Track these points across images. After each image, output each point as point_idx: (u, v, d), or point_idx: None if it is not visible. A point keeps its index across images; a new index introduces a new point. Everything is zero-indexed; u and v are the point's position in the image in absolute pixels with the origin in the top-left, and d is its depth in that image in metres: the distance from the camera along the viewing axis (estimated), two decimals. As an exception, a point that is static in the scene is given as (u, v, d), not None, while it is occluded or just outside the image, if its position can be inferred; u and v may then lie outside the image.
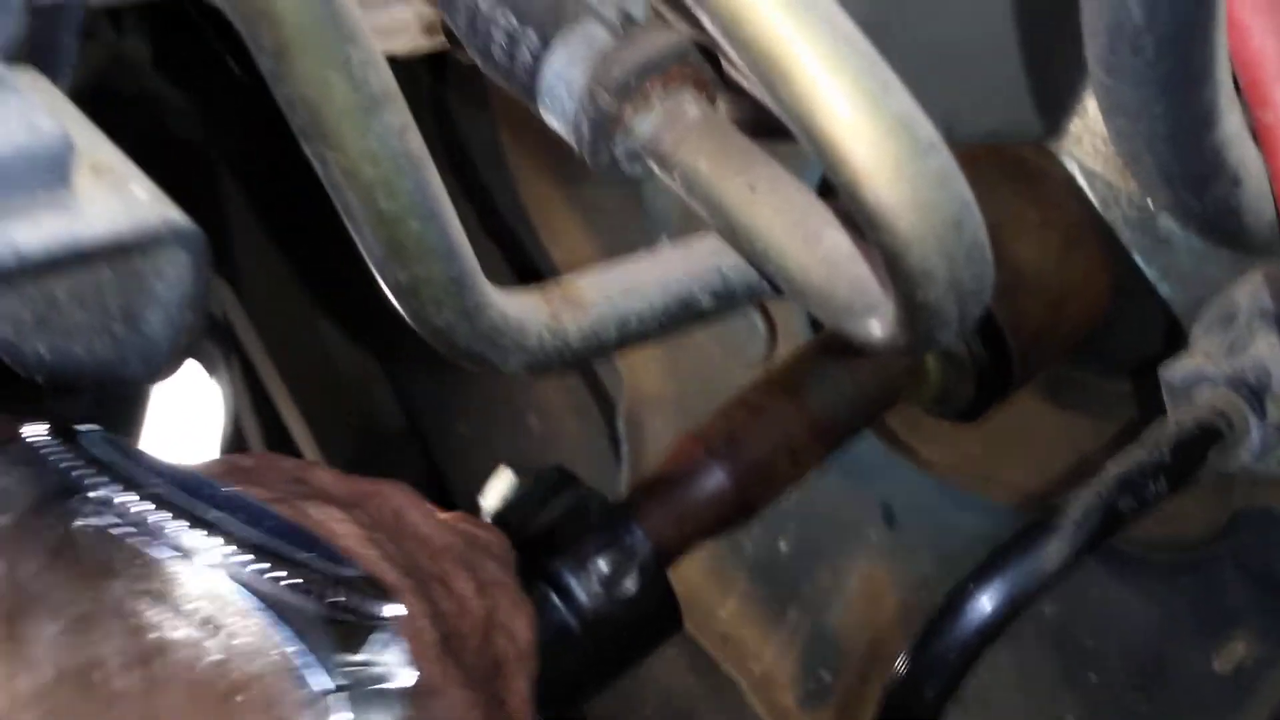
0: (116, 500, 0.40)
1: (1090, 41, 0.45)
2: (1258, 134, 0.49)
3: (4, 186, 0.37)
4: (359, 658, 0.45)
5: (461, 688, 0.51)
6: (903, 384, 1.11)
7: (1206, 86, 0.44)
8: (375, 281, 0.51)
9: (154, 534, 0.39)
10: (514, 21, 0.59)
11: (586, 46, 0.58)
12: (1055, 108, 1.00)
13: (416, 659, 0.47)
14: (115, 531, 0.39)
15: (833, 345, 1.12)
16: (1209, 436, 0.67)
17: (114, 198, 0.39)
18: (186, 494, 0.42)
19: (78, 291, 0.40)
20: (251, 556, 0.41)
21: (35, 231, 0.37)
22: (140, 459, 0.42)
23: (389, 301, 0.52)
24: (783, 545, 1.29)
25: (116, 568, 0.38)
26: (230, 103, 1.39)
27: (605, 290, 0.56)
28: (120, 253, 0.38)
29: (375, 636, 0.46)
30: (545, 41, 0.58)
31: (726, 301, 0.58)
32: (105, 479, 0.40)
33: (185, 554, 0.40)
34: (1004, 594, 0.65)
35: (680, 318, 0.57)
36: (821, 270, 0.53)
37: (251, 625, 0.41)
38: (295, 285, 1.52)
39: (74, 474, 0.40)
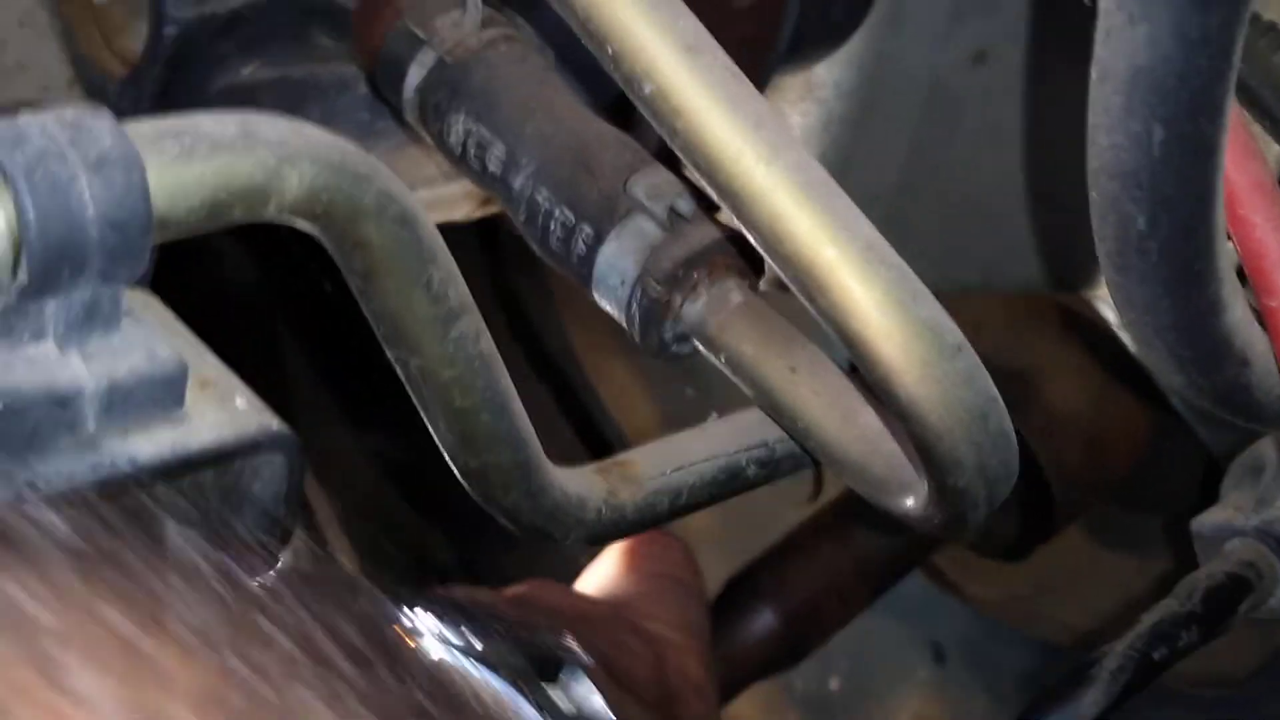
0: None
1: (1100, 244, 0.49)
2: (1264, 318, 0.53)
3: (128, 408, 0.42)
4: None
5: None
6: (947, 525, 1.14)
7: (1209, 282, 0.48)
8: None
9: None
10: (570, 216, 0.64)
11: (637, 239, 0.62)
12: (1092, 258, 1.04)
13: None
14: None
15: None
16: (1239, 587, 0.70)
17: (220, 411, 0.44)
18: None
19: (179, 489, 0.44)
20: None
21: (151, 445, 0.42)
22: None
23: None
24: (833, 683, 1.31)
25: None
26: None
27: (658, 465, 0.60)
28: (224, 460, 0.43)
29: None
30: (600, 235, 0.63)
31: (772, 471, 0.62)
32: None
33: None
34: (1043, 745, 0.67)
35: (729, 488, 0.61)
36: (858, 447, 0.57)
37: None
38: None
39: None
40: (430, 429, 0.53)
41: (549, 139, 0.66)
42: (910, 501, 0.55)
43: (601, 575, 0.76)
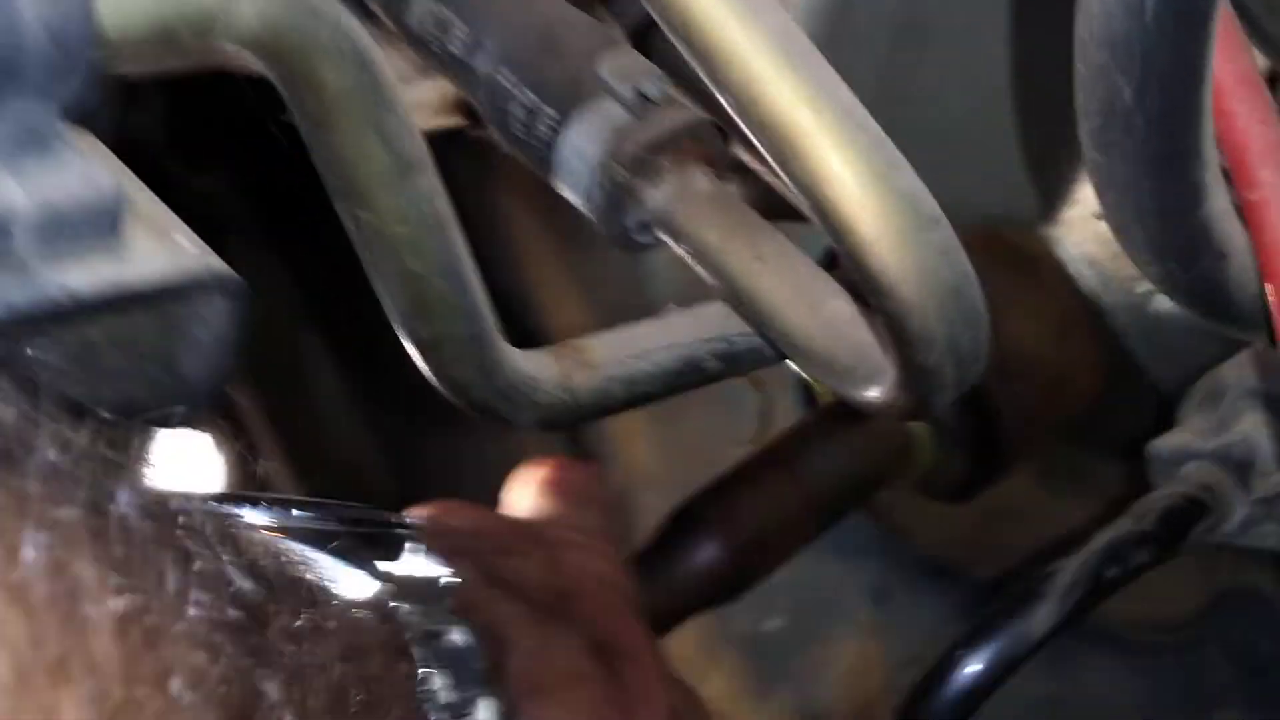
0: None
1: (1083, 121, 0.48)
2: (1244, 212, 0.52)
3: (62, 236, 0.39)
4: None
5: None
6: (897, 462, 1.13)
7: (1194, 164, 0.47)
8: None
9: None
10: (533, 98, 0.62)
11: (602, 122, 0.60)
12: (1051, 195, 1.04)
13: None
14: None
15: (827, 422, 1.14)
16: (1195, 509, 0.69)
17: (161, 247, 0.41)
18: None
19: (116, 337, 0.42)
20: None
21: (88, 276, 0.40)
22: None
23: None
24: (772, 623, 1.30)
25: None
26: (247, 184, 1.42)
27: (615, 352, 0.58)
28: (165, 297, 0.41)
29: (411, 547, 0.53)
30: (563, 118, 0.61)
31: (731, 365, 0.61)
32: None
33: None
34: (991, 659, 0.66)
35: (686, 379, 0.60)
36: (824, 336, 0.56)
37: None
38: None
39: None
40: (380, 295, 0.51)
41: (513, 19, 0.63)
42: (875, 389, 0.53)
43: (509, 498, 0.78)
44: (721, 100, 0.48)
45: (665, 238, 0.61)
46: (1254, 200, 0.51)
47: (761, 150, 0.47)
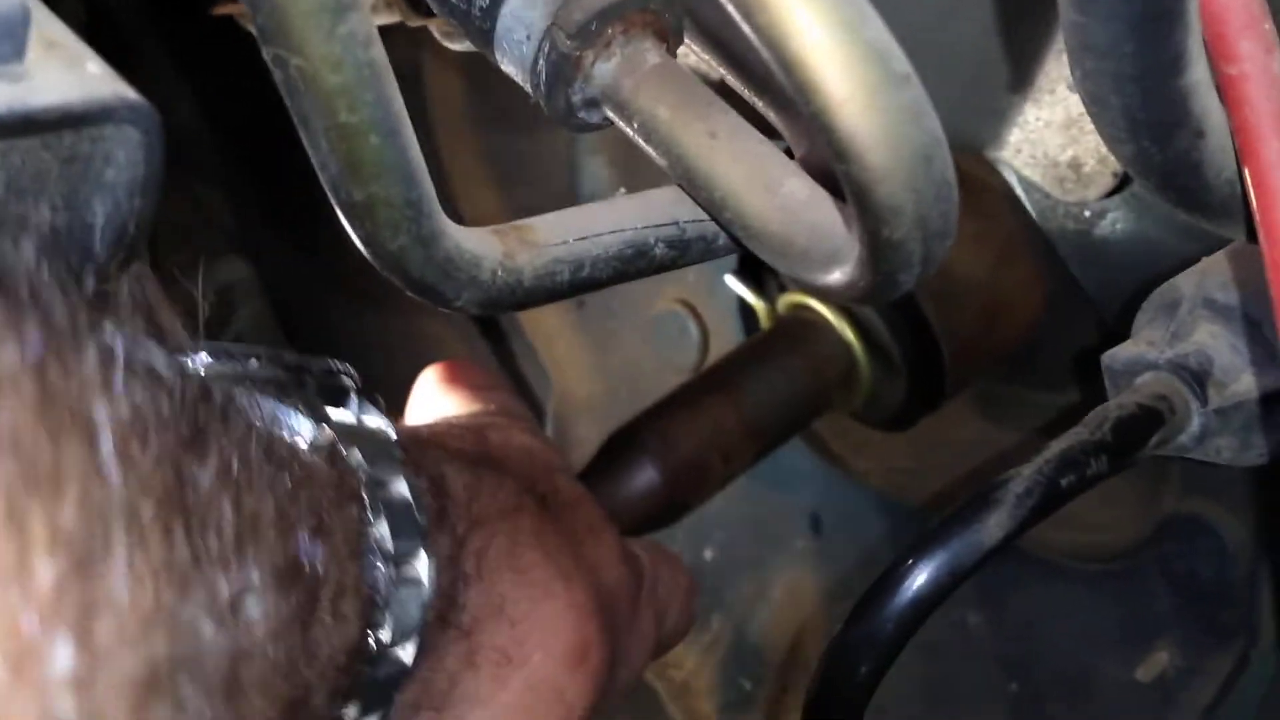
0: None
1: (1063, -22, 0.45)
2: (1221, 88, 0.49)
3: (-45, 49, 0.36)
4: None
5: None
6: (835, 388, 1.11)
7: (1178, 27, 0.44)
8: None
9: None
10: (474, -37, 0.58)
11: (548, -10, 0.57)
12: (995, 118, 1.01)
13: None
14: None
15: (766, 347, 1.12)
16: (1151, 418, 0.67)
17: (67, 72, 0.38)
18: None
19: (15, 175, 0.38)
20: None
21: (-17, 97, 0.36)
22: None
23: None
24: (708, 553, 1.28)
25: None
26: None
27: (560, 232, 0.55)
28: (69, 123, 0.37)
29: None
30: (506, -16, 0.58)
31: (681, 251, 0.58)
32: None
33: None
34: (943, 566, 0.64)
35: (634, 264, 0.57)
36: (779, 217, 0.53)
37: None
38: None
39: None
40: (310, 152, 0.47)
41: (454, -118, 0.60)
42: (835, 271, 0.51)
43: (418, 397, 0.80)
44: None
45: (612, 114, 0.57)
46: (1233, 75, 0.49)
47: (725, 2, 0.44)
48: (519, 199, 1.29)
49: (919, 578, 0.64)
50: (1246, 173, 0.51)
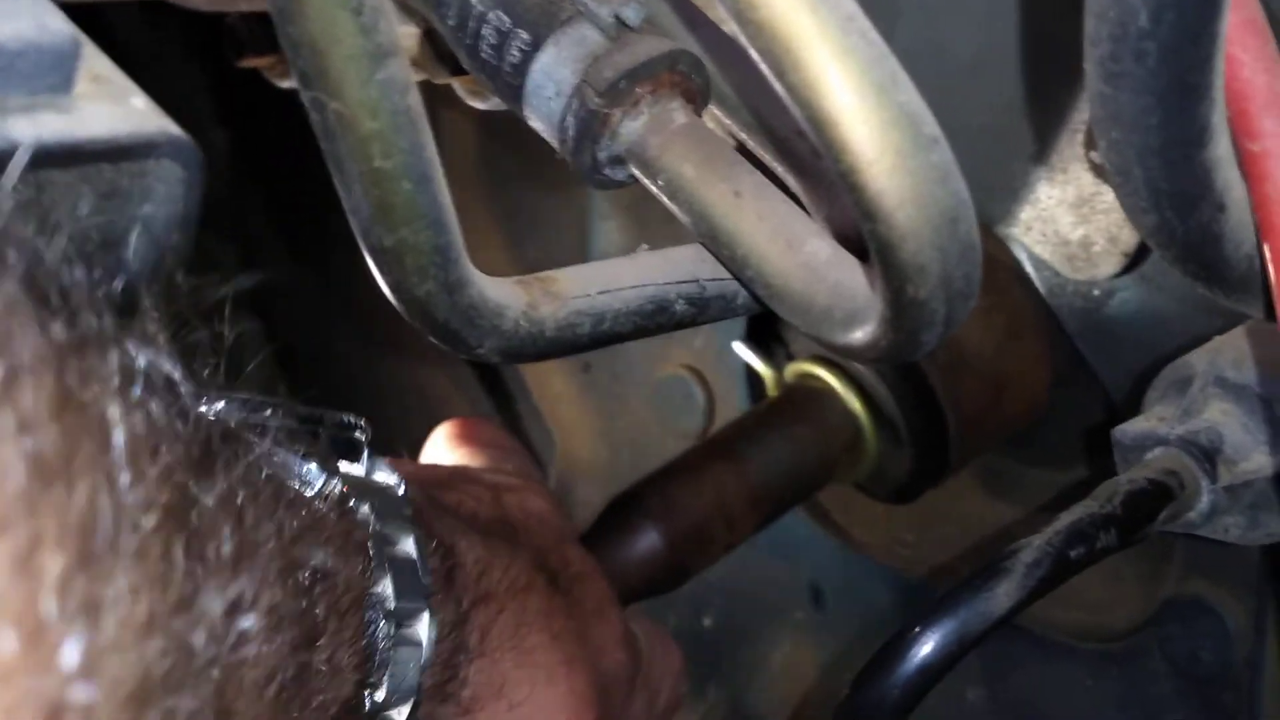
0: None
1: (1091, 50, 0.46)
2: (1244, 163, 0.50)
3: (10, 79, 0.36)
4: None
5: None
6: (840, 458, 1.11)
7: (1203, 102, 0.45)
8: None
9: None
10: (506, 20, 0.59)
11: (578, 47, 0.58)
12: (1008, 194, 1.02)
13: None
14: None
15: (772, 415, 1.12)
16: (1161, 493, 0.67)
17: (114, 105, 0.38)
18: None
19: (51, 208, 0.39)
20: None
21: (33, 127, 0.36)
22: None
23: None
24: (706, 621, 1.28)
25: None
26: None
27: (583, 285, 0.56)
28: (112, 156, 0.37)
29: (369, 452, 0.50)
30: (537, 42, 0.58)
31: (700, 309, 0.58)
32: None
33: None
34: (952, 634, 0.64)
35: (654, 320, 0.57)
36: (802, 275, 0.53)
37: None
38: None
39: None
40: (342, 195, 0.48)
41: (488, -60, 0.61)
42: (857, 330, 0.51)
43: (432, 452, 0.79)
44: (719, 4, 0.45)
45: (638, 172, 0.58)
46: (1256, 151, 0.50)
47: (757, 59, 0.45)
48: (530, 259, 1.30)
49: (927, 645, 0.64)
50: (1266, 249, 0.51)
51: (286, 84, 0.89)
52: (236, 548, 0.36)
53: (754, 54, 0.45)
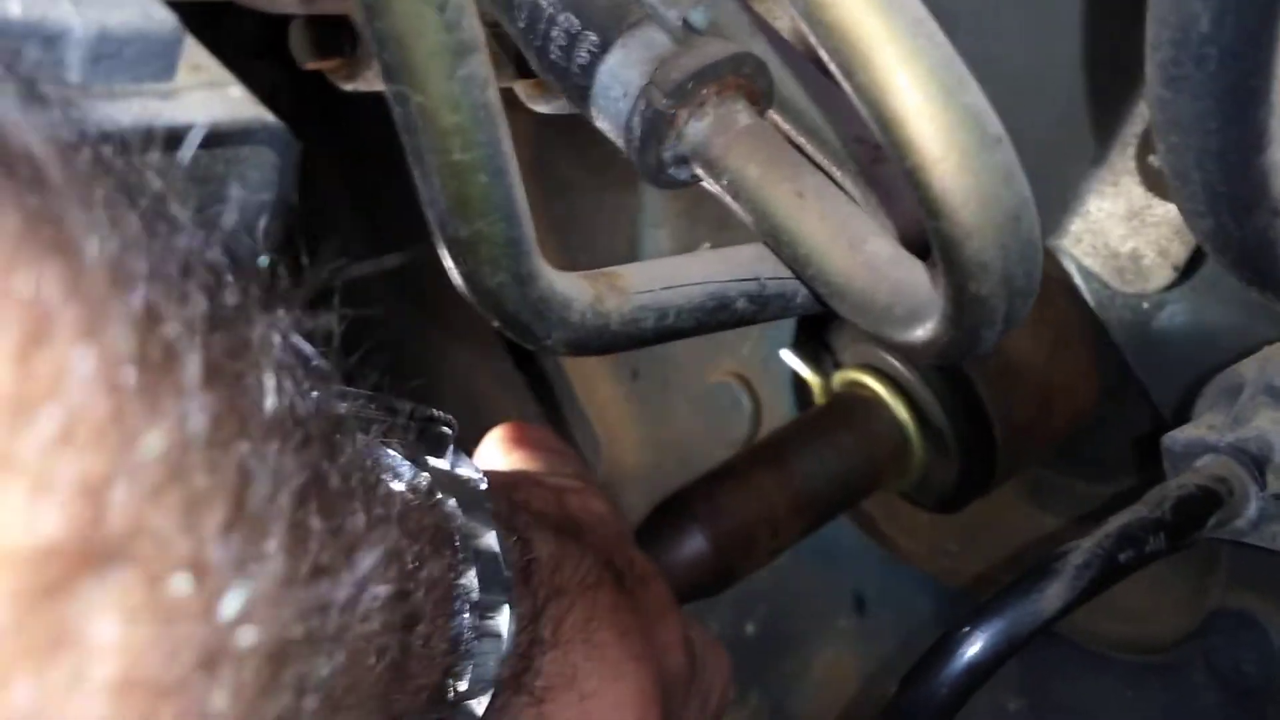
0: None
1: (1153, 54, 0.47)
2: (1299, 169, 0.51)
3: (116, 64, 0.38)
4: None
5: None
6: (887, 467, 1.12)
7: (1261, 106, 0.46)
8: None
9: None
10: (575, 22, 0.60)
11: (645, 49, 0.59)
12: (1059, 206, 1.03)
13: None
14: None
15: (820, 423, 1.13)
16: (1210, 500, 0.68)
17: (212, 93, 0.40)
18: None
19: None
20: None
21: (136, 111, 0.38)
22: None
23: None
24: (750, 628, 1.28)
25: None
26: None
27: (648, 281, 0.57)
28: (214, 143, 0.39)
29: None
30: (605, 44, 0.60)
31: (761, 307, 0.59)
32: None
33: None
34: (1001, 633, 0.65)
35: (715, 316, 0.58)
36: (863, 274, 0.54)
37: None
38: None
39: None
40: (420, 187, 0.49)
41: (558, -57, 0.62)
42: (917, 328, 0.52)
43: (485, 457, 0.80)
44: (790, 4, 0.47)
45: (702, 172, 0.59)
46: (1312, 158, 0.51)
47: (826, 59, 0.46)
48: (581, 265, 1.31)
49: (976, 644, 0.65)
50: (1321, 253, 0.52)
51: (351, 86, 0.91)
52: (366, 522, 0.38)
53: (823, 54, 0.46)
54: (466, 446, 0.86)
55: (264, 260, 0.35)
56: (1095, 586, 0.66)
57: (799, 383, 1.23)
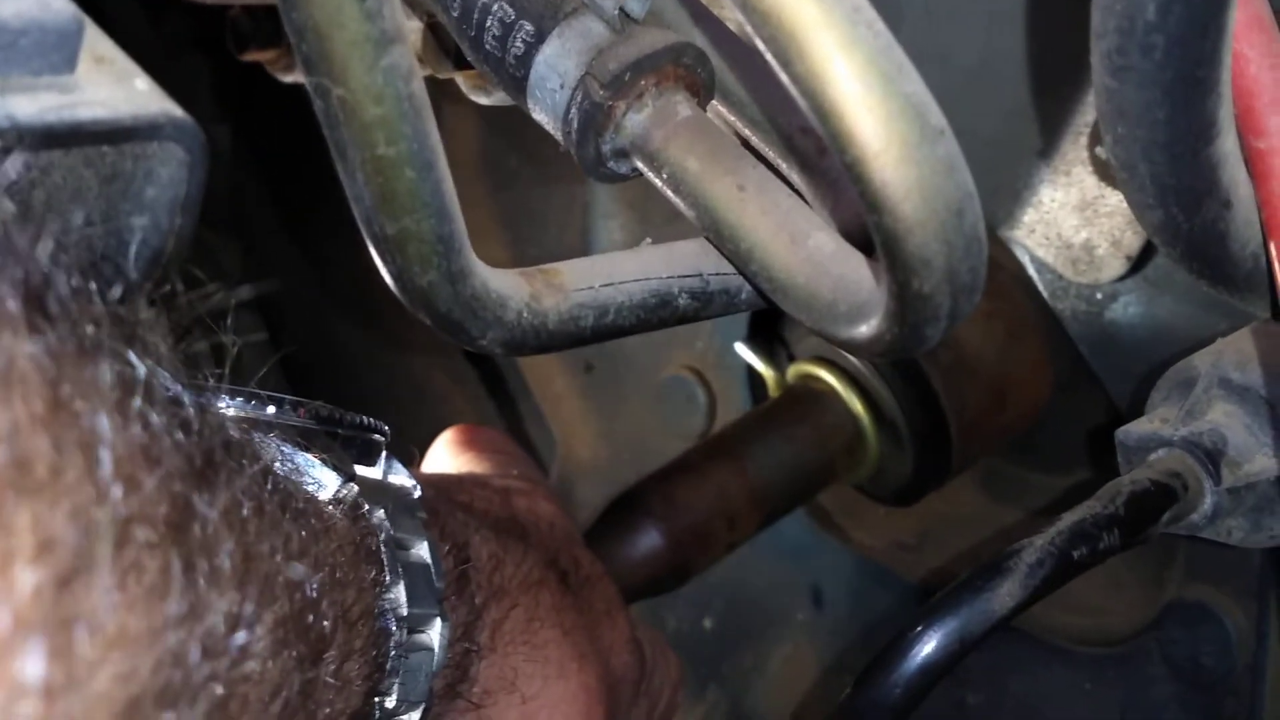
0: None
1: (1098, 43, 0.45)
2: (1250, 160, 0.50)
3: (11, 57, 0.36)
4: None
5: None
6: (842, 459, 1.11)
7: (1210, 96, 0.45)
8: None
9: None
10: (510, 11, 0.59)
11: (582, 39, 0.57)
12: (1011, 198, 1.02)
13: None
14: None
15: (774, 416, 1.12)
16: (1164, 495, 0.67)
17: (116, 86, 0.38)
18: None
19: (54, 192, 0.38)
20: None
21: (34, 106, 0.36)
22: None
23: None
24: (707, 623, 1.27)
25: None
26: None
27: (587, 278, 0.55)
28: (116, 139, 0.37)
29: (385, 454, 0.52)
30: (541, 34, 0.58)
31: (704, 304, 0.58)
32: None
33: None
34: (954, 633, 0.64)
35: (657, 314, 0.57)
36: (806, 269, 0.53)
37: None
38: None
39: None
40: (345, 183, 0.47)
41: (493, -68, 0.60)
42: (861, 324, 0.51)
43: (436, 458, 0.79)
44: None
45: (642, 165, 0.58)
46: (1261, 149, 0.49)
47: (763, 49, 0.45)
48: (531, 257, 1.30)
49: (929, 644, 0.64)
50: (1271, 247, 0.51)
51: (289, 78, 0.89)
52: (239, 561, 0.36)
53: (759, 43, 0.45)
54: (421, 447, 0.85)
55: (119, 290, 0.33)
56: (1048, 584, 0.65)
57: (753, 376, 1.21)
